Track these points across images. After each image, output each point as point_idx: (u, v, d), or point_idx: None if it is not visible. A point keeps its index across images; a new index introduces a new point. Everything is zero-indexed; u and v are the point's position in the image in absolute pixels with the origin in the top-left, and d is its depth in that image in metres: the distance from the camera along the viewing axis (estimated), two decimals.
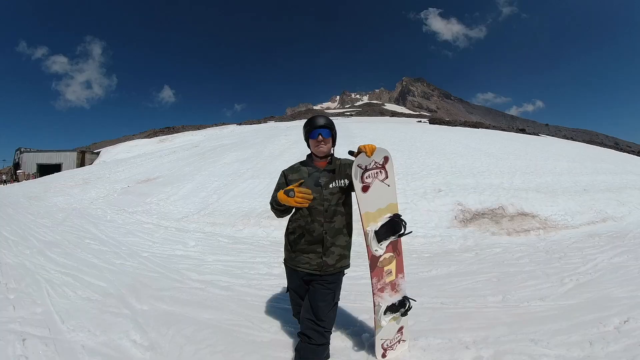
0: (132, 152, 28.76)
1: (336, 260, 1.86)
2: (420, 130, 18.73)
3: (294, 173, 1.91)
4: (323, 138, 1.88)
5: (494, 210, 6.24)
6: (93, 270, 3.64)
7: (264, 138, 17.83)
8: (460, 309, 2.69)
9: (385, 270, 1.93)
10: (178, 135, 36.71)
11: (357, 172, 1.82)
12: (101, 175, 13.88)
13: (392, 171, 1.91)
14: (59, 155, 33.21)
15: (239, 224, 6.27)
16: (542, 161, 10.44)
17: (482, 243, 5.11)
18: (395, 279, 1.97)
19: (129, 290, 3.10)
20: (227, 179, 9.76)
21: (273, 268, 3.88)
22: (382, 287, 1.93)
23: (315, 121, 1.91)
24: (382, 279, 1.93)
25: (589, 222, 5.95)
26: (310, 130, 1.90)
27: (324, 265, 1.83)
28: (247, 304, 2.84)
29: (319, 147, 1.89)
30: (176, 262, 4.12)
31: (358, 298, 2.91)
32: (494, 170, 8.91)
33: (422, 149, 11.89)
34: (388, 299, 1.93)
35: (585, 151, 14.87)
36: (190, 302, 2.86)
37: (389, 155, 1.89)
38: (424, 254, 4.56)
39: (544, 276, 3.42)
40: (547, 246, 4.77)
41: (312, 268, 1.84)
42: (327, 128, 1.90)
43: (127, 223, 6.59)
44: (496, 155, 10.90)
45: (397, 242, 1.96)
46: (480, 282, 3.34)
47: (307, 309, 1.83)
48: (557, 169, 9.38)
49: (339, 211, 1.87)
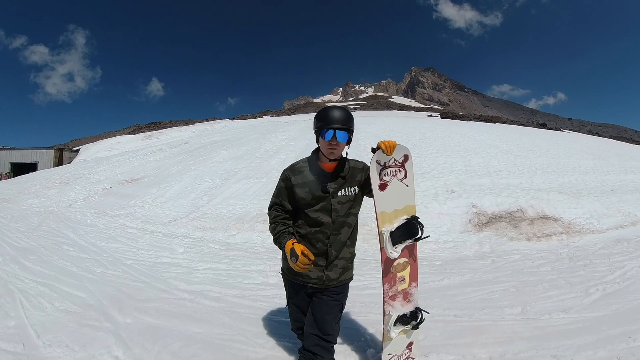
0: (115, 149, 28.80)
1: (339, 274, 1.84)
2: (431, 125, 18.71)
3: (297, 175, 1.80)
4: (337, 142, 1.70)
5: (512, 213, 6.23)
6: (71, 280, 3.64)
7: (260, 134, 17.82)
8: (475, 322, 2.68)
9: (399, 276, 1.94)
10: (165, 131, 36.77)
11: (375, 168, 1.82)
12: (80, 175, 13.90)
13: (412, 171, 1.92)
14: (34, 153, 33.28)
15: (231, 229, 6.27)
16: (565, 159, 10.42)
17: (499, 249, 5.10)
18: (408, 287, 1.97)
19: (111, 301, 3.10)
20: (218, 179, 9.77)
21: (269, 277, 3.87)
22: (393, 295, 1.93)
23: (332, 117, 1.70)
24: (394, 285, 1.93)
25: (617, 226, 5.94)
26: (324, 128, 1.71)
27: (325, 279, 1.81)
28: (241, 317, 2.83)
29: (330, 150, 1.73)
30: (163, 270, 4.12)
31: (363, 310, 2.90)
32: (512, 169, 8.90)
33: (433, 145, 11.88)
34: (399, 309, 1.93)
35: (613, 148, 14.84)
36: (178, 315, 2.86)
37: (409, 153, 1.89)
38: (435, 262, 4.55)
39: (567, 286, 3.41)
40: (570, 252, 4.76)
41: (312, 282, 1.82)
42: (345, 131, 1.70)
43: (109, 228, 6.59)
44: (514, 153, 10.88)
45: (413, 248, 1.96)
46: (496, 292, 3.33)
47: (311, 323, 1.81)
48: (581, 168, 9.35)
49: (346, 223, 1.82)
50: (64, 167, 19.74)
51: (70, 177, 13.46)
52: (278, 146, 13.63)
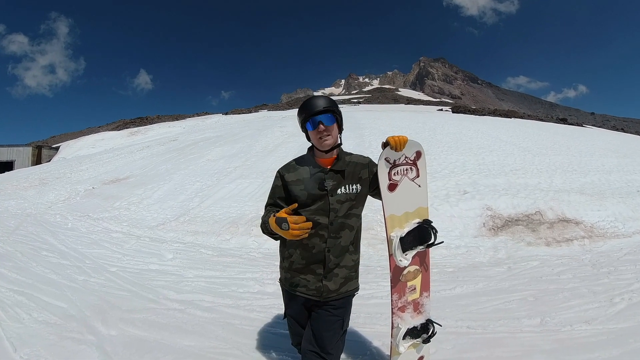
0: (98, 147, 28.82)
1: (340, 285, 1.77)
2: (441, 121, 18.70)
3: (291, 172, 1.78)
4: (325, 127, 1.69)
5: (530, 216, 6.22)
6: (51, 288, 3.64)
7: (255, 130, 17.84)
8: (490, 334, 2.68)
9: (409, 286, 1.92)
10: (152, 126, 36.79)
11: (384, 167, 1.78)
12: (61, 174, 13.92)
13: (425, 169, 1.88)
14: (10, 151, 33.31)
15: (225, 233, 6.27)
16: (587, 157, 10.41)
17: (515, 255, 5.10)
18: (419, 297, 1.96)
19: (94, 312, 3.10)
20: (211, 179, 9.77)
21: (266, 285, 3.87)
22: (403, 306, 1.92)
23: (311, 105, 1.71)
24: (403, 296, 1.92)
25: None
26: (307, 118, 1.71)
27: (324, 290, 1.75)
28: (235, 329, 2.83)
29: (322, 140, 1.70)
30: (150, 278, 4.12)
31: (368, 321, 2.90)
32: (529, 167, 8.89)
33: (444, 142, 11.88)
34: (409, 321, 1.92)
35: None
36: (167, 326, 2.86)
37: (422, 150, 1.85)
38: (447, 269, 4.55)
39: (590, 295, 3.40)
40: (593, 259, 4.75)
41: (310, 293, 1.76)
42: (328, 112, 1.70)
43: (91, 232, 6.60)
44: (532, 150, 10.87)
45: (425, 254, 1.94)
46: (513, 301, 3.33)
47: (310, 339, 1.77)
48: (605, 166, 9.34)
49: (347, 224, 1.75)
50: (43, 166, 19.76)
51: (49, 177, 13.47)
52: (275, 143, 13.63)
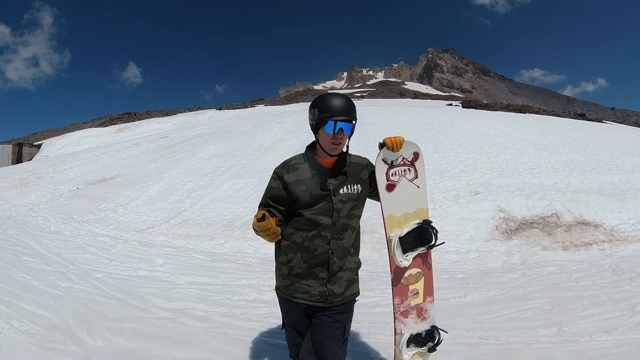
0: (83, 144, 28.87)
1: (345, 288, 1.80)
2: (451, 116, 18.70)
3: (291, 173, 1.78)
4: (343, 135, 1.72)
5: (545, 219, 6.22)
6: (33, 296, 3.64)
7: (251, 126, 17.85)
8: (503, 345, 2.68)
9: (411, 289, 1.94)
10: (141, 122, 36.82)
11: (381, 167, 1.85)
12: (43, 174, 13.93)
13: (423, 170, 1.96)
14: None
15: (219, 237, 6.27)
16: (607, 155, 10.39)
17: (530, 260, 5.10)
18: (422, 302, 1.97)
19: (79, 321, 3.10)
20: (204, 179, 9.78)
21: (263, 293, 3.87)
22: (405, 311, 1.93)
23: (339, 107, 1.71)
24: (406, 300, 1.94)
25: None
26: (327, 119, 1.70)
27: (329, 295, 1.77)
28: (230, 339, 2.83)
29: (333, 147, 1.74)
30: (139, 285, 4.12)
31: (372, 331, 2.90)
32: (545, 166, 8.89)
33: (454, 139, 11.86)
34: (412, 327, 1.93)
35: None
36: (157, 337, 2.86)
37: (420, 151, 1.94)
38: (457, 275, 4.55)
39: (610, 303, 3.40)
40: (614, 264, 4.75)
41: (314, 299, 1.77)
42: (350, 122, 1.72)
43: (76, 235, 6.60)
44: (548, 148, 10.86)
45: (427, 256, 1.97)
46: (528, 310, 3.33)
47: (309, 349, 1.77)
48: (626, 165, 9.33)
49: (349, 225, 1.80)
50: (24, 165, 19.79)
51: (30, 177, 13.49)
52: (273, 140, 13.64)
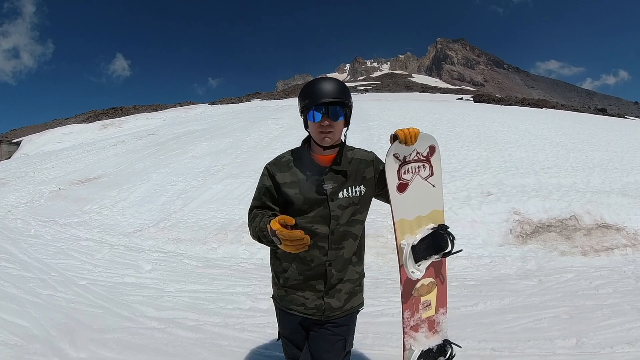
0: (65, 141, 28.88)
1: (344, 301, 1.75)
2: (462, 111, 18.70)
3: (284, 172, 1.69)
4: (330, 122, 1.58)
5: (563, 221, 6.21)
6: (11, 304, 3.63)
7: (247, 122, 17.88)
8: (518, 357, 2.68)
9: (422, 301, 1.91)
10: (128, 118, 36.87)
11: (392, 164, 1.74)
12: (22, 173, 13.95)
13: (439, 167, 1.86)
14: None
15: (211, 241, 6.27)
16: (630, 153, 10.39)
17: (547, 266, 5.10)
18: (434, 314, 1.95)
19: (61, 331, 3.10)
20: (195, 179, 9.79)
21: (259, 301, 3.87)
22: (416, 325, 1.91)
23: (318, 90, 1.58)
24: (417, 313, 1.91)
25: None
26: (309, 105, 1.59)
27: (326, 309, 1.72)
28: (223, 351, 2.83)
29: (322, 136, 1.60)
30: (126, 292, 4.13)
31: (377, 342, 2.90)
32: (563, 165, 8.90)
33: (464, 136, 11.88)
34: (423, 342, 1.91)
35: None
36: (144, 348, 2.86)
37: (436, 144, 1.82)
38: (468, 282, 4.55)
39: (633, 312, 3.40)
40: (637, 270, 4.75)
41: (310, 312, 1.73)
42: (337, 104, 1.59)
43: (58, 239, 6.61)
44: (566, 145, 10.86)
45: (441, 265, 1.93)
46: (545, 319, 3.33)
47: None
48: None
49: (350, 233, 1.71)
50: (2, 164, 19.82)
51: (9, 176, 13.51)
52: (269, 137, 13.65)
